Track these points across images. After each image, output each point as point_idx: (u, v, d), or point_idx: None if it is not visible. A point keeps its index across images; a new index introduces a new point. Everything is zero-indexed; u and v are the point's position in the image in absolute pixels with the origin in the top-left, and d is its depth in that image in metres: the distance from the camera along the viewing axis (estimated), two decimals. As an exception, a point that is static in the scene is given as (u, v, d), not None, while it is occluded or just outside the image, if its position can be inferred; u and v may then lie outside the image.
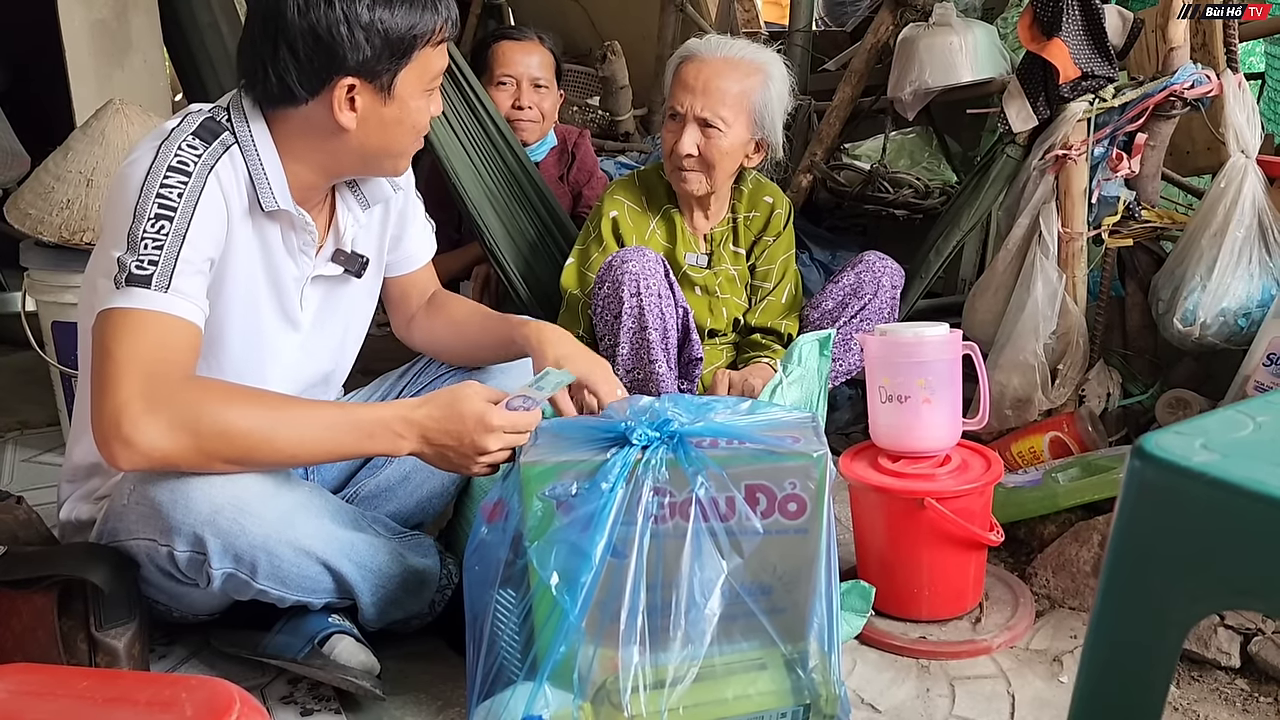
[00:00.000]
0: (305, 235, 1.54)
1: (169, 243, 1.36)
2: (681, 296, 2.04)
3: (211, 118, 1.45)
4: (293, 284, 1.56)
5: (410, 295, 1.82)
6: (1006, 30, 2.79)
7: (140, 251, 1.34)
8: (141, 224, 1.35)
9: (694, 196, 2.12)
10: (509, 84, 2.56)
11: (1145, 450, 0.74)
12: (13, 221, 2.31)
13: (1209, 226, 2.07)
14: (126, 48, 3.21)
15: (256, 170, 1.45)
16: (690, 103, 2.02)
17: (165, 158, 1.38)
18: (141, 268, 1.34)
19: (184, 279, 1.37)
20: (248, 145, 1.45)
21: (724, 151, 2.05)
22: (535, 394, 1.47)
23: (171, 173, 1.37)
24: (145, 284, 1.34)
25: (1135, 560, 0.77)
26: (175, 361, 1.35)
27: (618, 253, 2.00)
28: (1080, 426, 2.13)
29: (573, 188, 2.68)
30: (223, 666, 1.58)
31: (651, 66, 3.88)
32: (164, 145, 1.39)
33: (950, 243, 2.37)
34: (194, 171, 1.39)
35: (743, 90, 2.03)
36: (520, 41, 2.60)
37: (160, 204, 1.36)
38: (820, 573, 1.31)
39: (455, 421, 1.41)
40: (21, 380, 3.07)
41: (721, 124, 2.02)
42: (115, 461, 1.31)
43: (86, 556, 1.46)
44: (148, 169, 1.37)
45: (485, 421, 1.40)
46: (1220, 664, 1.56)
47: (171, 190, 1.37)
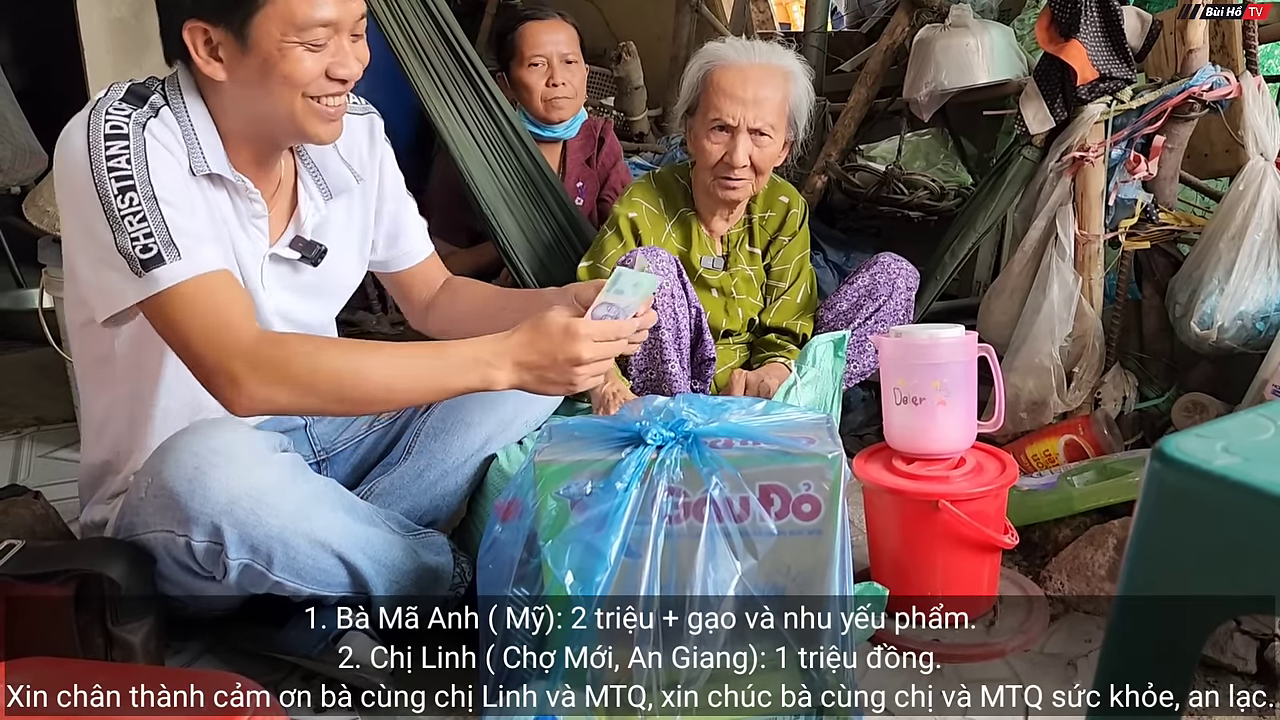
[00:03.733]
0: (253, 205, 1.51)
1: (147, 210, 1.34)
2: (694, 296, 2.04)
3: (138, 82, 1.44)
4: (250, 259, 1.53)
5: (416, 287, 1.81)
6: (1023, 31, 2.78)
7: (129, 230, 1.33)
8: (112, 201, 1.34)
9: (733, 202, 2.13)
10: (541, 64, 2.55)
11: (1165, 453, 0.74)
12: (31, 219, 2.32)
13: (1227, 229, 2.05)
14: (145, 46, 3.23)
15: (189, 134, 1.43)
16: (742, 114, 2.03)
17: (98, 127, 1.36)
18: (147, 249, 1.34)
19: (184, 237, 1.36)
20: (179, 110, 1.44)
21: (772, 158, 2.08)
22: (616, 299, 1.42)
23: (110, 140, 1.35)
24: (160, 262, 1.34)
25: (1154, 563, 0.76)
26: (235, 322, 1.36)
27: (630, 252, 2.00)
28: (1096, 430, 2.12)
29: (600, 171, 2.69)
30: (237, 663, 1.59)
31: (666, 67, 3.88)
32: (92, 117, 1.37)
33: (966, 245, 2.36)
34: (129, 132, 1.37)
35: (783, 96, 2.06)
36: (545, 21, 2.60)
37: (116, 175, 1.34)
38: (834, 574, 1.30)
39: (543, 339, 1.39)
40: (38, 376, 3.08)
41: (771, 131, 2.05)
42: (234, 411, 1.36)
43: (103, 551, 1.47)
44: (86, 144, 1.35)
45: (572, 331, 1.38)
46: (1236, 669, 1.55)
47: (118, 158, 1.35)
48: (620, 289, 1.43)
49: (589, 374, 1.40)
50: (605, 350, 1.40)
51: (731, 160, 2.04)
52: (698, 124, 2.10)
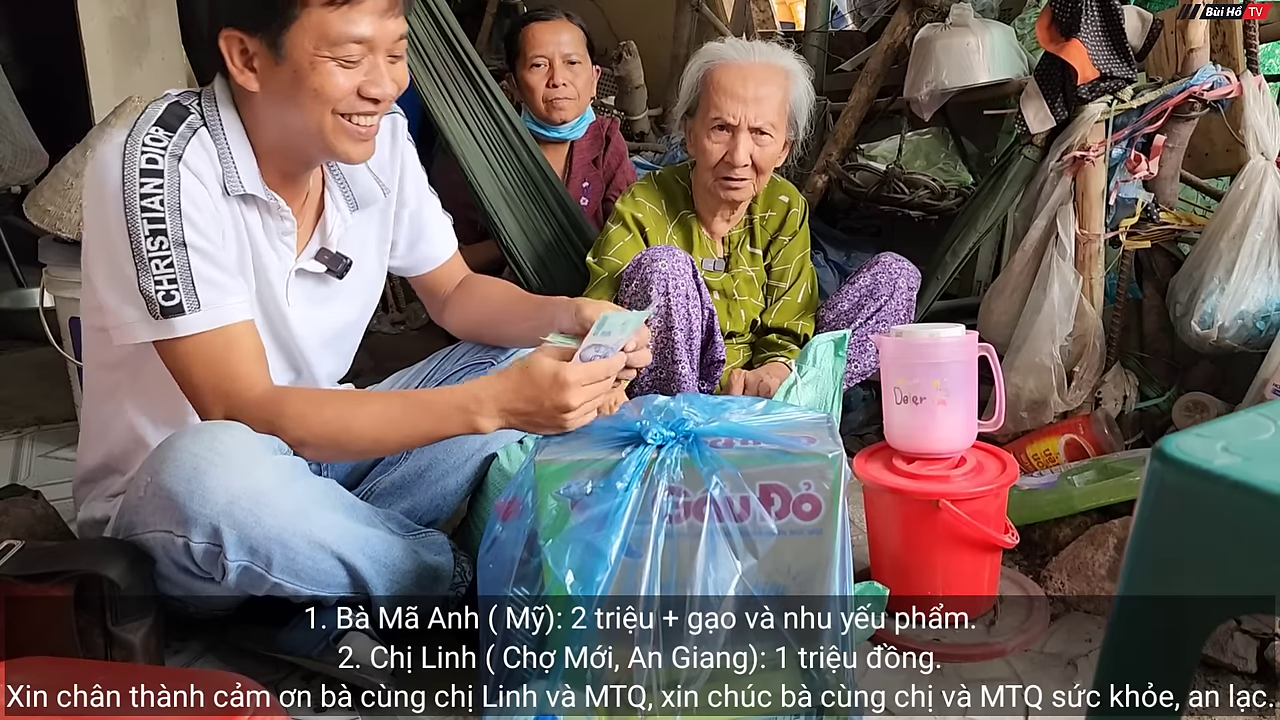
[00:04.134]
0: (283, 223, 1.52)
1: (175, 257, 1.38)
2: (708, 297, 2.04)
3: (177, 102, 1.44)
4: (276, 275, 1.55)
5: (439, 286, 1.83)
6: (1024, 31, 2.77)
7: (154, 273, 1.37)
8: (141, 242, 1.37)
9: (735, 203, 2.12)
10: (542, 64, 2.56)
11: (1166, 453, 0.74)
12: (32, 218, 2.32)
13: (1228, 229, 2.05)
14: (145, 45, 3.23)
15: (224, 153, 1.44)
16: (743, 113, 2.02)
17: (133, 159, 1.37)
18: (169, 296, 1.37)
19: (208, 288, 1.39)
20: (215, 128, 1.44)
21: (773, 157, 2.08)
22: (604, 340, 1.43)
23: (146, 177, 1.37)
24: (180, 311, 1.38)
25: (1154, 563, 0.76)
26: (242, 375, 1.43)
27: (647, 251, 2.00)
28: (1096, 429, 2.12)
29: (606, 172, 2.69)
30: (237, 662, 1.59)
31: (667, 66, 3.88)
32: (128, 146, 1.38)
33: (966, 244, 2.36)
34: (164, 168, 1.38)
35: (784, 95, 2.06)
36: (549, 21, 2.60)
37: (148, 217, 1.36)
38: (834, 574, 1.30)
39: (529, 387, 1.40)
40: (38, 376, 3.09)
41: (772, 130, 2.05)
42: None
43: (103, 552, 1.47)
44: (120, 176, 1.37)
45: (560, 379, 1.38)
46: (1236, 669, 1.55)
47: (151, 198, 1.37)
48: (608, 330, 1.45)
49: (578, 418, 1.41)
50: (594, 392, 1.41)
51: (732, 159, 2.04)
52: (698, 124, 2.10)
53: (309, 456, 1.47)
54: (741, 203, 2.14)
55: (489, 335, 1.78)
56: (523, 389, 1.41)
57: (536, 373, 1.40)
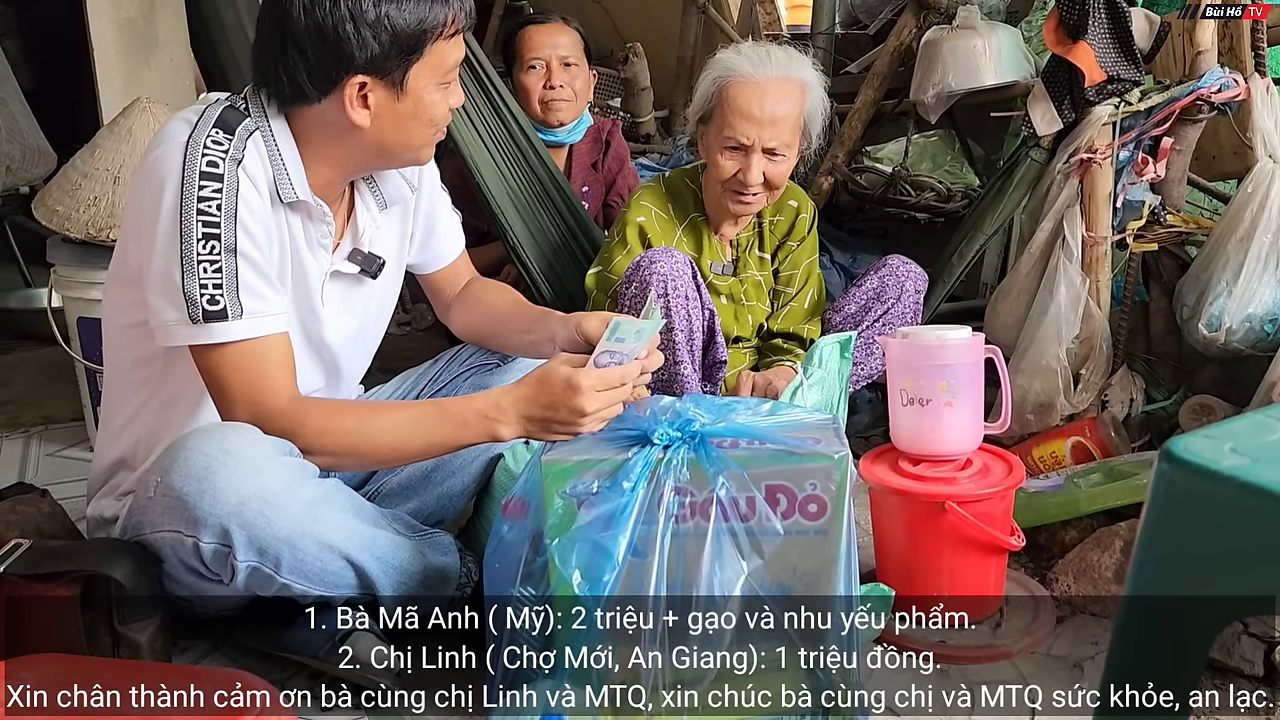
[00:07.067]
0: (323, 228, 1.54)
1: (225, 263, 1.39)
2: (708, 298, 2.04)
3: (231, 106, 1.46)
4: (314, 277, 1.57)
5: (445, 286, 1.84)
6: (1031, 33, 2.77)
7: (201, 276, 1.38)
8: (193, 245, 1.38)
9: (747, 215, 2.12)
10: (539, 66, 2.56)
11: (1174, 454, 0.73)
12: (40, 218, 2.33)
13: (1235, 232, 2.05)
14: (154, 47, 3.24)
15: (276, 161, 1.46)
16: (757, 134, 2.00)
17: (194, 162, 1.39)
18: (213, 301, 1.39)
19: (252, 297, 1.41)
20: (267, 133, 1.46)
21: (786, 174, 2.07)
22: (617, 346, 1.45)
23: (206, 180, 1.39)
24: (222, 317, 1.39)
25: (1162, 564, 0.76)
26: (273, 386, 1.44)
27: (645, 253, 1.99)
28: (1103, 432, 2.11)
29: (606, 176, 2.69)
30: (244, 662, 1.59)
31: (673, 68, 3.88)
32: (190, 147, 1.40)
33: (973, 246, 2.35)
34: (224, 172, 1.40)
35: (799, 112, 2.04)
36: (545, 24, 2.60)
37: (204, 220, 1.38)
38: (840, 574, 1.31)
39: (545, 393, 1.42)
40: (47, 375, 3.10)
41: (786, 150, 2.03)
42: None
43: (110, 551, 1.48)
44: (180, 177, 1.38)
45: (574, 384, 1.40)
46: (1243, 672, 1.54)
47: (209, 202, 1.38)
48: (621, 336, 1.46)
49: (594, 422, 1.42)
50: (609, 398, 1.42)
51: (745, 179, 2.03)
52: (711, 136, 2.08)
53: (329, 466, 1.48)
54: (751, 215, 2.14)
55: (491, 342, 1.79)
56: (539, 396, 1.42)
57: (552, 379, 1.42)
